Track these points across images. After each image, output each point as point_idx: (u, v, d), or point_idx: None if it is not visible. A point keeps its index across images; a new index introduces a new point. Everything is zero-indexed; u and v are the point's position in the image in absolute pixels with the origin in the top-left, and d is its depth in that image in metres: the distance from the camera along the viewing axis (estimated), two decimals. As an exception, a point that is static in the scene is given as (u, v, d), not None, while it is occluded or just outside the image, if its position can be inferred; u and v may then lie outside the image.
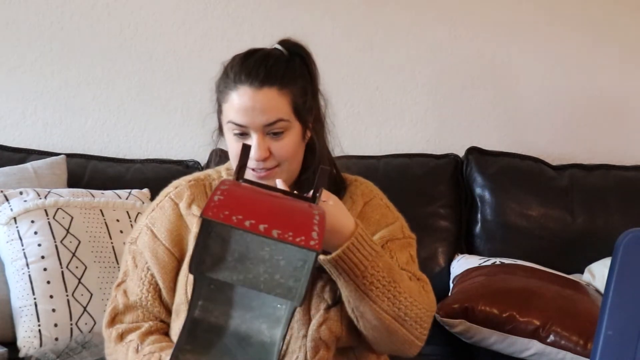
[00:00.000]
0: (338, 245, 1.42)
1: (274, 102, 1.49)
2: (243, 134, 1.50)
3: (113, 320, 1.59)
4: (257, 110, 1.48)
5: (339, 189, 1.62)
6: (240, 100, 1.49)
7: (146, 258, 1.58)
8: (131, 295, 1.58)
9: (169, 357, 1.37)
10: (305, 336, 1.51)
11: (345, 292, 1.47)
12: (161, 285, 1.57)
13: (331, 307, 1.52)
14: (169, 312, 1.58)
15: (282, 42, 1.57)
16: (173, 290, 1.57)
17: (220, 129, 1.59)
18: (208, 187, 1.62)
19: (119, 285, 1.62)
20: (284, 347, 1.50)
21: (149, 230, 1.59)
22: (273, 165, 1.51)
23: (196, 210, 1.57)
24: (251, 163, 1.49)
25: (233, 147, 1.53)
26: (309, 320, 1.52)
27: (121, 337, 1.57)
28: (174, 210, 1.59)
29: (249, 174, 1.51)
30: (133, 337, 1.55)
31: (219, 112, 1.56)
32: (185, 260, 1.56)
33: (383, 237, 1.59)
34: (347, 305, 1.50)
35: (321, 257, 1.42)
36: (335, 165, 1.64)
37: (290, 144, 1.51)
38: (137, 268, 1.59)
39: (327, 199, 1.42)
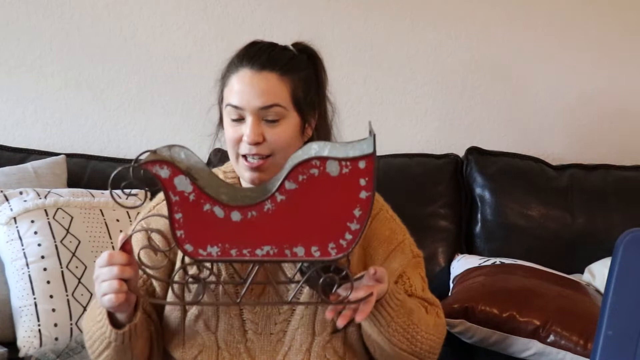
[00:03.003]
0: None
1: (272, 86, 1.49)
2: (239, 118, 1.49)
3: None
4: (253, 93, 1.48)
5: None
6: (239, 82, 1.49)
7: (140, 256, 1.57)
8: None
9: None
10: (308, 350, 1.52)
11: (367, 329, 1.50)
12: (154, 283, 1.56)
13: (338, 331, 1.53)
14: (155, 310, 1.57)
15: (294, 44, 1.58)
16: (166, 289, 1.56)
17: (221, 121, 1.58)
18: None
19: None
20: None
21: (144, 230, 1.58)
22: (266, 152, 1.49)
23: None
24: (244, 148, 1.49)
25: (229, 132, 1.51)
26: (313, 335, 1.53)
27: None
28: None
29: (241, 163, 1.51)
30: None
31: (221, 101, 1.55)
32: (177, 264, 1.54)
33: (401, 265, 1.60)
34: (365, 336, 1.53)
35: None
36: None
37: (285, 133, 1.50)
38: None
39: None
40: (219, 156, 2.56)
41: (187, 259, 1.30)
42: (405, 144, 2.81)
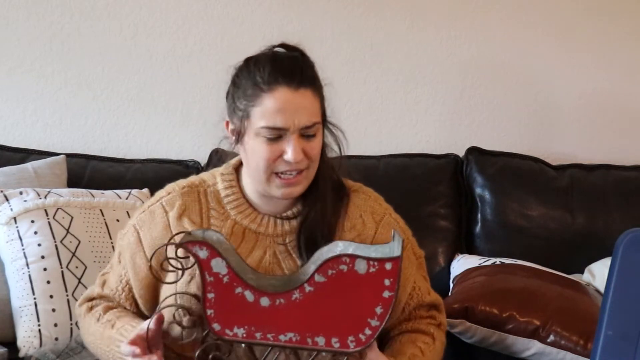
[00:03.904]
0: None
1: (311, 104, 1.48)
2: (277, 137, 1.46)
3: (86, 301, 1.65)
4: (296, 112, 1.45)
5: (340, 196, 1.61)
6: (279, 102, 1.45)
7: (126, 259, 1.59)
8: (106, 288, 1.62)
9: (122, 324, 1.50)
10: None
11: None
12: (135, 291, 1.59)
13: None
14: (140, 313, 1.61)
15: (283, 46, 1.55)
16: (145, 298, 1.58)
17: (239, 135, 1.51)
18: (202, 194, 1.59)
19: (103, 274, 1.66)
20: None
21: (136, 232, 1.59)
22: (305, 166, 1.49)
23: (187, 223, 1.55)
24: (283, 166, 1.47)
25: (264, 152, 1.47)
26: None
27: (90, 309, 1.62)
28: (162, 219, 1.57)
29: (275, 181, 1.50)
30: (99, 309, 1.61)
31: (244, 117, 1.49)
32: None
33: (411, 276, 1.62)
34: None
35: None
36: (335, 171, 1.62)
37: (319, 145, 1.52)
38: (120, 265, 1.61)
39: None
40: (218, 156, 2.56)
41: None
42: (405, 144, 2.81)
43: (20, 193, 2.25)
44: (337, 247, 1.44)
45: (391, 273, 1.32)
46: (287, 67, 1.48)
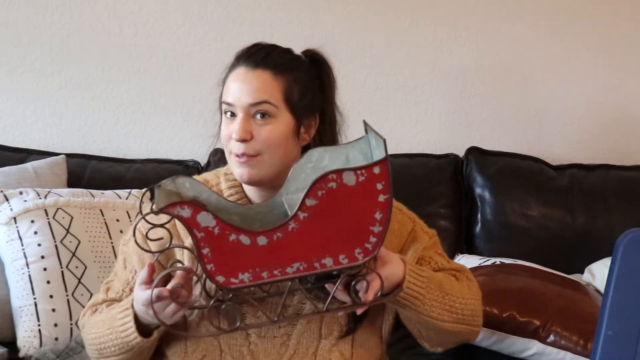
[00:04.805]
0: (395, 286, 1.47)
1: (264, 84, 1.49)
2: (232, 114, 1.50)
3: (90, 309, 1.63)
4: (245, 89, 1.48)
5: None
6: (234, 80, 1.50)
7: (133, 263, 1.58)
8: (111, 293, 1.60)
9: (121, 304, 1.49)
10: (314, 354, 1.53)
11: (406, 317, 1.54)
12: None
13: (344, 336, 1.54)
14: None
15: (304, 51, 1.58)
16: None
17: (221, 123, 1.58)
18: None
19: (107, 283, 1.64)
20: None
21: (141, 234, 1.57)
22: (254, 151, 1.48)
23: None
24: (234, 146, 1.49)
25: (223, 130, 1.52)
26: (319, 338, 1.53)
27: (94, 311, 1.60)
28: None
29: (233, 159, 1.51)
30: (102, 308, 1.58)
31: (221, 101, 1.55)
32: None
33: (417, 251, 1.61)
34: (407, 323, 1.56)
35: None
36: None
37: (274, 132, 1.49)
38: (126, 270, 1.60)
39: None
40: (218, 156, 2.56)
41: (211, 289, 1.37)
42: (405, 144, 2.81)
43: (20, 193, 2.26)
44: (312, 157, 1.42)
45: (381, 176, 1.30)
46: (254, 50, 1.53)
